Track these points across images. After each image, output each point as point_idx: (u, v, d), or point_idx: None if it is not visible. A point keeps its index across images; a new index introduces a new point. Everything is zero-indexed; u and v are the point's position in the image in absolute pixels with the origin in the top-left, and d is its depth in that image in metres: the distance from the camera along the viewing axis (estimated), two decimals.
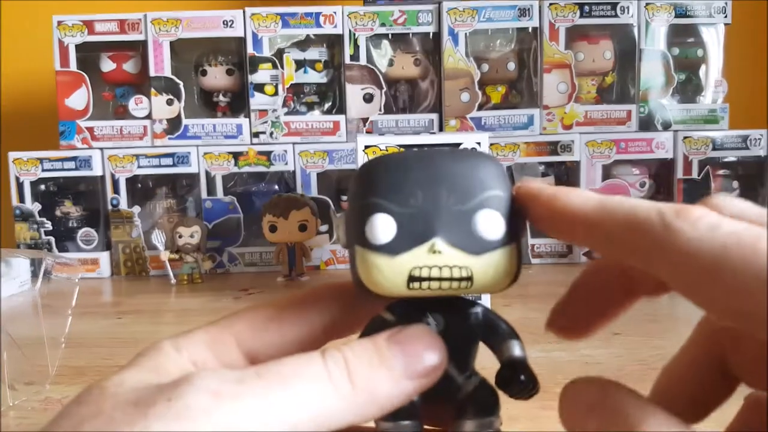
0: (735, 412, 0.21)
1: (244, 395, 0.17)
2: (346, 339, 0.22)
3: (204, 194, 1.03)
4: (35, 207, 1.03)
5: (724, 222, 0.16)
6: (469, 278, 0.20)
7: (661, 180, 1.04)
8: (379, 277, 0.20)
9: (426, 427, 0.22)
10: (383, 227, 0.20)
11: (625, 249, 0.18)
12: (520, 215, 0.21)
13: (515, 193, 0.21)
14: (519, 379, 0.21)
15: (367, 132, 1.03)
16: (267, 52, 1.03)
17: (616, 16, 1.02)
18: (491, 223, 0.20)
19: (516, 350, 0.22)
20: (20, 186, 1.02)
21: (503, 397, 0.22)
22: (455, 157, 0.21)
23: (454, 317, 0.22)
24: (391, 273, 0.20)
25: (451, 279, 0.20)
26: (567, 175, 1.04)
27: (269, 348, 0.22)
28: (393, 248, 0.20)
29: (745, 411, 0.21)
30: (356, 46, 1.02)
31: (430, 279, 0.20)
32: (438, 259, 0.20)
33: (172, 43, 1.02)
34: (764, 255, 0.15)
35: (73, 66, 1.03)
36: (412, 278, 0.20)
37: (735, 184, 1.04)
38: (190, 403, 0.17)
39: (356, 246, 0.21)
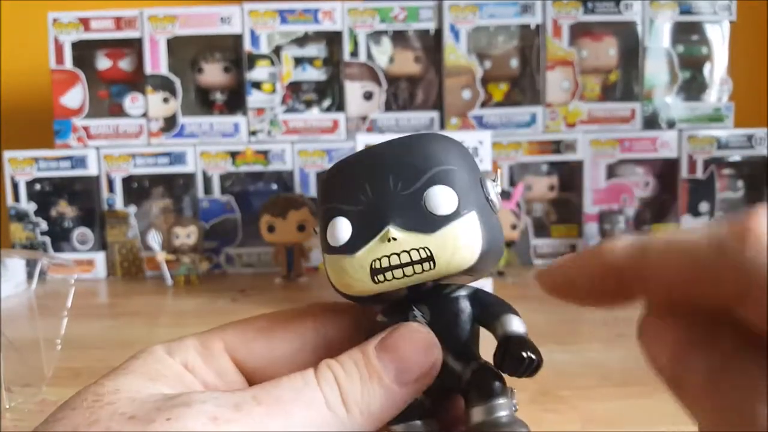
0: None
1: (241, 421, 0.17)
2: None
3: (201, 194, 1.01)
4: (30, 207, 1.01)
5: None
6: (430, 258, 0.19)
7: (665, 180, 1.03)
8: (345, 278, 0.20)
9: None
10: (340, 229, 0.20)
11: (704, 297, 0.14)
12: (482, 185, 0.20)
13: (538, 283, 0.18)
14: (518, 355, 0.19)
15: (367, 130, 1.01)
16: (265, 49, 1.01)
17: (619, 13, 1.01)
18: (441, 198, 0.20)
19: (511, 324, 0.21)
20: (15, 186, 1.01)
21: None
22: (402, 143, 0.21)
23: (440, 304, 0.21)
24: (353, 271, 0.20)
25: (411, 263, 0.19)
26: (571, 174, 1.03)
27: (257, 359, 0.22)
28: (351, 247, 0.20)
29: None
30: (356, 43, 1.01)
31: (391, 268, 0.20)
32: (394, 246, 0.20)
33: (168, 41, 1.01)
34: None
35: (68, 64, 1.02)
36: (374, 271, 0.20)
37: (740, 183, 1.03)
38: (189, 425, 0.17)
39: (324, 253, 0.21)
